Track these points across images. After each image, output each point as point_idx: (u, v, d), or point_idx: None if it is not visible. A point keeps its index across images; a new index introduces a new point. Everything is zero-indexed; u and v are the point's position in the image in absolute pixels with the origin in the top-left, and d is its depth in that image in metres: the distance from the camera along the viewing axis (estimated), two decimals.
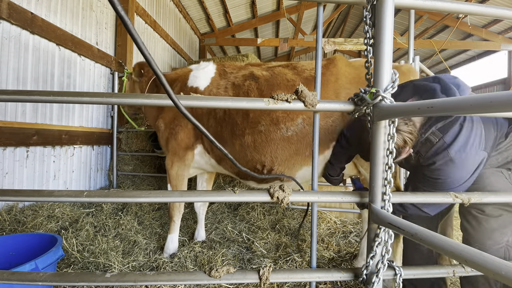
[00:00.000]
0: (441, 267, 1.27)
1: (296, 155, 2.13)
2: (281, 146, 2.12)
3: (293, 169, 2.19)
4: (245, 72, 2.31)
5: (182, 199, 1.26)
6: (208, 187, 2.95)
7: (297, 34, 9.16)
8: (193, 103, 1.20)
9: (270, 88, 2.17)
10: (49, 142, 3.27)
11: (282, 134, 2.09)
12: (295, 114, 2.09)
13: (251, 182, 2.41)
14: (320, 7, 1.51)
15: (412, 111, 0.99)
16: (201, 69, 2.48)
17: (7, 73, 2.78)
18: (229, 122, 2.19)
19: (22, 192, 1.19)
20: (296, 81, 2.17)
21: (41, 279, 1.13)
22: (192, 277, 1.20)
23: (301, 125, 2.08)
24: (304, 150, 2.12)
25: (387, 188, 1.14)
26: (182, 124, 2.35)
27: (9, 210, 2.79)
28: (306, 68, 2.27)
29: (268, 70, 2.30)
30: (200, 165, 2.50)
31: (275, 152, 2.13)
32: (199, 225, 2.83)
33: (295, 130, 2.09)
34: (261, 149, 2.14)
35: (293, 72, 2.25)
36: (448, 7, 1.20)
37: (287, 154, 2.13)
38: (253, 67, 2.37)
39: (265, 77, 2.23)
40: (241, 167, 1.40)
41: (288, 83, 2.17)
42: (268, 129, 2.11)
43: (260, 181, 2.34)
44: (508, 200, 1.28)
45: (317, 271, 1.28)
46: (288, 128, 2.08)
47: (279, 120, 2.09)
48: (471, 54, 10.57)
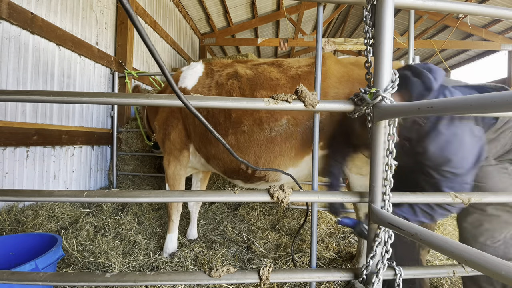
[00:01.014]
0: (441, 267, 1.27)
1: (281, 156, 2.09)
2: (265, 147, 2.07)
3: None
4: (229, 71, 2.26)
5: (182, 199, 1.26)
6: (202, 187, 2.96)
7: (297, 34, 9.16)
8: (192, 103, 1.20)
9: (253, 88, 2.11)
10: (49, 142, 3.27)
11: (266, 134, 2.05)
12: (279, 114, 2.04)
13: (237, 181, 2.38)
14: (320, 7, 1.51)
15: (412, 111, 0.99)
16: (190, 69, 2.46)
17: (7, 73, 2.78)
18: (212, 122, 2.15)
19: (22, 192, 1.19)
20: (280, 80, 2.11)
21: (41, 279, 1.13)
22: (192, 277, 1.20)
23: (285, 126, 2.03)
24: (289, 151, 2.07)
25: (387, 188, 1.14)
26: (173, 124, 2.34)
27: (9, 210, 2.79)
28: (292, 66, 2.20)
29: (253, 68, 2.23)
30: (193, 164, 2.51)
31: (258, 153, 2.09)
32: (191, 224, 2.85)
33: (279, 131, 2.04)
34: (244, 149, 2.11)
35: (278, 71, 2.18)
36: (448, 7, 1.20)
37: (271, 155, 2.09)
38: (239, 65, 2.31)
39: (248, 76, 2.17)
40: (245, 162, 1.38)
41: (271, 82, 2.11)
42: (251, 129, 2.07)
43: (246, 180, 2.30)
44: (508, 200, 1.28)
45: (317, 271, 1.28)
46: (272, 128, 2.04)
47: (263, 121, 2.05)
48: (471, 54, 10.58)
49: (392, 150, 1.12)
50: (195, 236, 2.83)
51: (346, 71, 2.07)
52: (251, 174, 2.20)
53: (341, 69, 2.09)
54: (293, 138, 2.03)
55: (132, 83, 4.82)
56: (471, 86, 1.51)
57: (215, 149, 2.20)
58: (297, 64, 2.22)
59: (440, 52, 9.35)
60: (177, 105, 1.19)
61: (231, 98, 1.22)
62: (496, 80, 9.92)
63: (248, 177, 2.24)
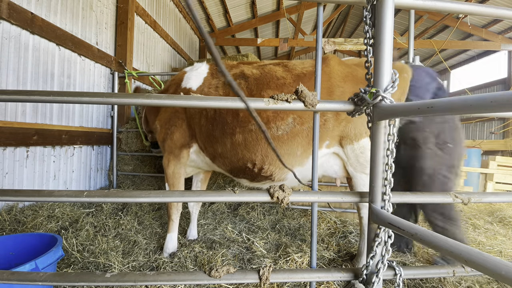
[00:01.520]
0: (441, 267, 1.27)
1: (287, 155, 2.11)
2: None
3: (285, 169, 2.18)
4: (236, 71, 2.30)
5: (182, 199, 1.26)
6: (202, 187, 2.96)
7: (297, 34, 9.17)
8: (194, 103, 1.20)
9: (260, 87, 2.15)
10: (49, 142, 3.27)
11: (273, 133, 2.08)
12: (285, 113, 2.07)
13: (243, 180, 2.40)
14: (320, 7, 1.51)
15: (412, 111, 0.99)
16: (194, 70, 2.49)
17: (7, 73, 2.78)
18: (220, 121, 2.18)
19: (22, 192, 1.19)
20: (286, 79, 2.15)
21: (41, 279, 1.13)
22: (192, 277, 1.20)
23: (291, 124, 2.06)
24: (295, 150, 2.10)
25: (387, 188, 1.14)
26: (177, 124, 2.36)
27: (9, 210, 2.79)
28: (297, 67, 2.25)
29: (259, 69, 2.28)
30: (197, 163, 2.52)
31: (265, 151, 2.12)
32: (191, 224, 2.84)
33: (286, 130, 2.07)
34: (251, 148, 2.13)
35: (284, 70, 2.23)
36: (448, 7, 1.20)
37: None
38: (244, 66, 2.35)
39: (255, 76, 2.21)
40: (285, 164, 1.37)
41: (278, 81, 2.15)
42: (258, 128, 2.09)
43: (252, 179, 2.32)
44: (508, 200, 1.28)
45: (317, 271, 1.28)
46: (278, 127, 2.07)
47: (269, 119, 2.07)
48: (471, 54, 10.58)
49: (392, 150, 1.12)
50: (195, 236, 2.83)
51: (350, 71, 2.13)
52: (257, 173, 2.21)
53: (345, 69, 2.14)
54: (299, 137, 2.06)
55: (132, 83, 4.82)
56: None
57: (222, 148, 2.22)
58: (301, 65, 2.27)
59: (440, 52, 9.36)
60: (177, 105, 1.19)
61: (231, 98, 1.22)
62: (496, 80, 9.93)
63: (254, 176, 2.26)
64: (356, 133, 2.06)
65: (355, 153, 2.08)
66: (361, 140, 2.06)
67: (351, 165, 2.13)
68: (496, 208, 4.47)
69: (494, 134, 9.39)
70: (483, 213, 4.21)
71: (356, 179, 2.15)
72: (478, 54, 10.40)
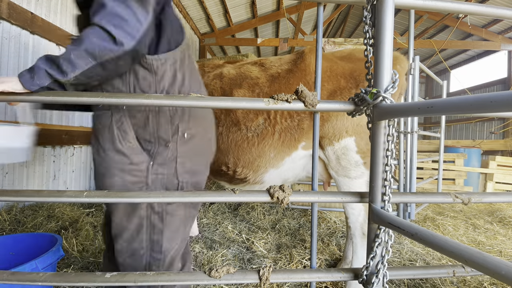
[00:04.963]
0: (441, 267, 1.27)
1: (259, 157, 2.04)
2: (243, 148, 2.03)
3: (258, 171, 2.10)
4: (216, 72, 2.24)
5: (182, 199, 1.26)
6: None
7: (297, 34, 9.16)
8: (194, 103, 1.20)
9: (232, 88, 2.09)
10: (49, 142, 3.27)
11: (243, 135, 2.01)
12: (255, 114, 2.01)
13: (223, 182, 2.34)
14: (320, 7, 1.51)
15: (412, 111, 0.99)
16: None
17: (7, 73, 2.78)
18: None
19: (22, 192, 1.19)
20: (260, 79, 2.09)
21: (41, 279, 1.13)
22: (192, 277, 1.19)
23: (262, 126, 1.99)
24: (268, 152, 2.03)
25: (387, 188, 1.14)
26: None
27: (9, 210, 2.79)
28: (274, 65, 2.16)
29: (236, 69, 2.21)
30: None
31: (237, 153, 2.05)
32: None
33: (257, 131, 2.00)
34: (223, 150, 2.07)
35: (259, 69, 2.15)
36: (448, 7, 1.20)
37: (249, 156, 2.04)
38: (228, 66, 2.29)
39: (230, 76, 2.16)
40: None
41: (251, 80, 2.09)
42: (228, 129, 2.03)
43: (230, 181, 2.25)
44: (508, 200, 1.28)
45: (317, 271, 1.28)
46: (248, 128, 2.00)
47: (239, 121, 2.01)
48: (471, 54, 10.58)
49: (392, 150, 1.12)
50: (196, 233, 2.81)
51: (329, 65, 2.01)
52: (232, 175, 2.15)
53: (324, 64, 2.00)
54: (271, 139, 1.99)
55: None
56: None
57: None
58: (279, 62, 2.18)
59: (440, 52, 9.36)
60: (177, 105, 1.18)
61: (231, 98, 1.22)
62: (496, 80, 9.93)
63: (230, 178, 2.19)
64: (335, 132, 1.96)
65: (337, 154, 1.98)
66: (342, 140, 1.96)
67: (333, 168, 2.02)
68: (496, 208, 4.47)
69: (494, 134, 9.40)
70: (483, 213, 4.21)
71: (339, 183, 2.04)
72: (478, 54, 10.41)
